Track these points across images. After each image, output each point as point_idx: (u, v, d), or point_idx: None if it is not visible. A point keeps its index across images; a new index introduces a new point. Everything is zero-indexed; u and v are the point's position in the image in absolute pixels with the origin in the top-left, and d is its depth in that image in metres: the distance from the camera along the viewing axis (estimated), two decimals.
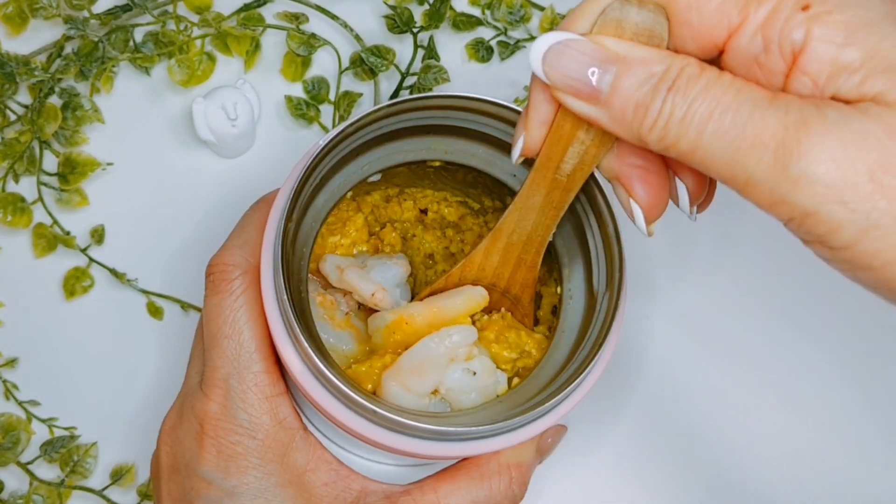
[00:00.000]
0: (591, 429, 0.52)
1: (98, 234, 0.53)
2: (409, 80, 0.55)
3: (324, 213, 0.41)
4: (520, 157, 0.34)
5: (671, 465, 0.52)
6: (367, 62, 0.54)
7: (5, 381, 0.51)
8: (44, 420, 0.51)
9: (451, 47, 0.57)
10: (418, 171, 0.44)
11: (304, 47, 0.54)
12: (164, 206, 0.54)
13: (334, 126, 0.55)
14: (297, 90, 0.56)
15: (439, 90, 0.55)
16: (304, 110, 0.55)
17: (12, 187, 0.53)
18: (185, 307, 0.53)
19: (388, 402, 0.38)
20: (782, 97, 0.28)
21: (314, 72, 0.56)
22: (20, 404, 0.51)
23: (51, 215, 0.53)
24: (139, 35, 0.55)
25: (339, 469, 0.40)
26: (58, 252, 0.53)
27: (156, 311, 0.53)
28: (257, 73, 0.56)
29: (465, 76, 0.56)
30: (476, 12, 0.57)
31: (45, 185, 0.53)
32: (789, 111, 0.27)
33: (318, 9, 0.56)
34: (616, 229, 0.38)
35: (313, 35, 0.54)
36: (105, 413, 0.52)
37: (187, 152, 0.55)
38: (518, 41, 0.56)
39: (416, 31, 0.55)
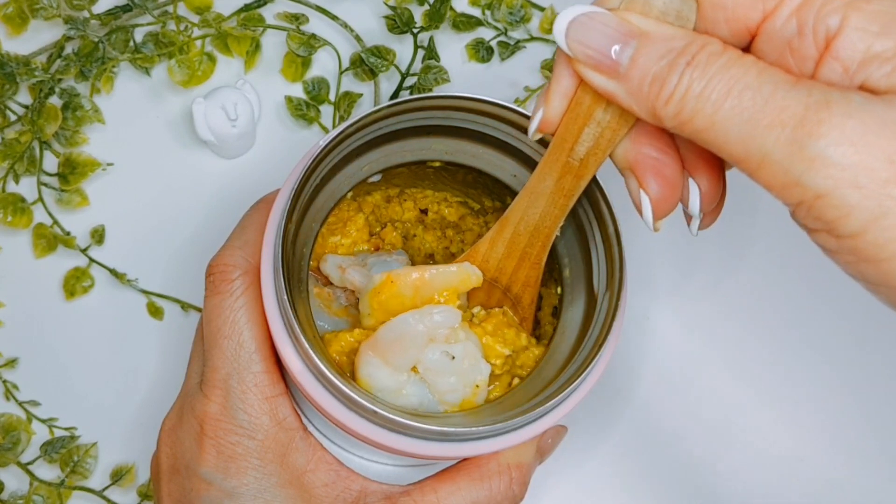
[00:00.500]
0: (591, 429, 0.52)
1: (98, 235, 0.53)
2: (410, 81, 0.55)
3: (324, 213, 0.41)
4: (536, 133, 0.34)
5: (671, 466, 0.52)
6: (368, 62, 0.54)
7: (5, 382, 0.51)
8: (44, 420, 0.51)
9: (452, 48, 0.57)
10: (418, 172, 0.44)
11: (304, 48, 0.54)
12: (164, 207, 0.54)
13: (334, 126, 0.55)
14: (298, 90, 0.56)
15: (439, 90, 0.55)
16: (304, 111, 0.55)
17: (12, 187, 0.53)
18: (186, 307, 0.53)
19: (365, 372, 0.38)
20: (806, 80, 0.27)
21: (314, 72, 0.56)
22: (20, 404, 0.51)
23: (51, 215, 0.53)
24: (139, 35, 0.55)
25: (339, 469, 0.40)
26: (58, 252, 0.53)
27: (156, 312, 0.53)
28: (257, 74, 0.56)
29: (465, 76, 0.56)
30: (476, 13, 0.57)
31: (45, 185, 0.53)
32: (812, 92, 0.27)
33: (319, 9, 0.56)
34: (616, 230, 0.38)
35: (313, 35, 0.54)
36: (105, 413, 0.52)
37: (187, 153, 0.55)
38: (518, 41, 0.56)
39: (416, 31, 0.55)
